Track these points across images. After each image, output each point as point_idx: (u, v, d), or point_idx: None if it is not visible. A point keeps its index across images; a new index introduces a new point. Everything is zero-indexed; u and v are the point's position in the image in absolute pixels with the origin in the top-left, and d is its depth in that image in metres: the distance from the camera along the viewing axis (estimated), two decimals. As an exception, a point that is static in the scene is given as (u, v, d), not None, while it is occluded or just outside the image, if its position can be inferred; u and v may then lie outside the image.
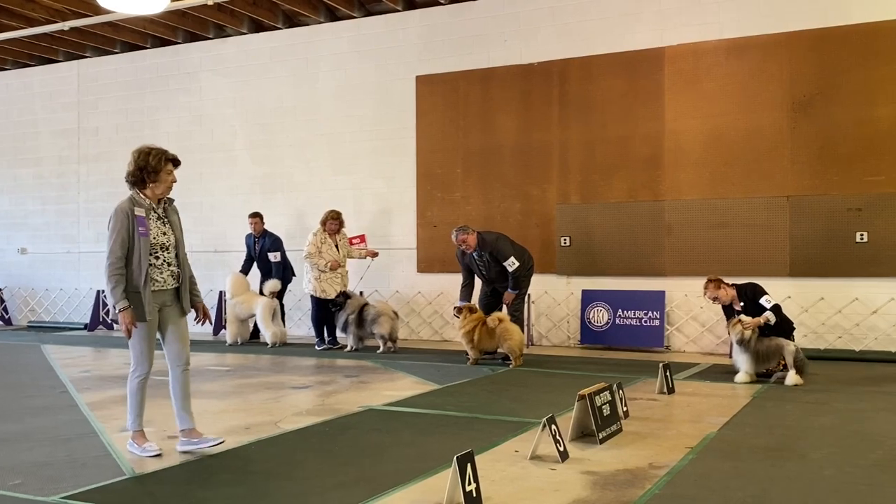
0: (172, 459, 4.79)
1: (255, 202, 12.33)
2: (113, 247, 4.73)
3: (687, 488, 4.20)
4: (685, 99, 10.23)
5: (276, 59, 12.85)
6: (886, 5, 9.27)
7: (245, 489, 4.19)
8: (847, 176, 9.47)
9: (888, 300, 9.24)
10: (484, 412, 6.30)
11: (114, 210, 4.83)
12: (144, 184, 4.90)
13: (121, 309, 4.72)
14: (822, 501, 3.96)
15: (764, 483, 4.29)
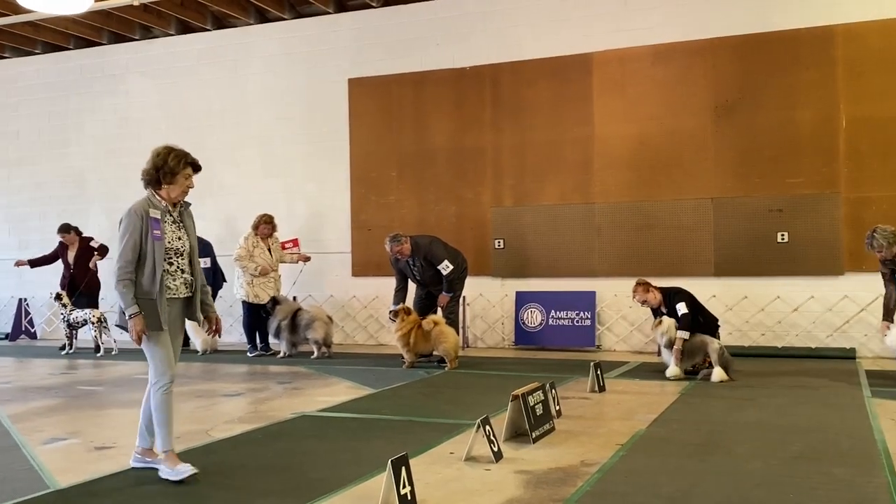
0: (99, 471, 4.65)
1: (187, 207, 12.07)
2: (124, 249, 4.43)
3: (618, 485, 4.28)
4: (613, 103, 10.43)
5: (204, 60, 12.63)
6: (806, 13, 9.62)
7: (175, 499, 4.11)
8: (768, 178, 9.78)
9: (808, 298, 9.57)
10: (419, 415, 6.31)
11: (127, 211, 4.53)
12: (159, 184, 4.62)
13: (131, 315, 4.37)
14: (746, 494, 4.08)
15: (691, 477, 4.39)
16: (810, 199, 9.57)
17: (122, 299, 4.42)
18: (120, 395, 7.46)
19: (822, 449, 5.00)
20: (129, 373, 8.95)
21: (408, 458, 3.90)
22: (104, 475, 4.57)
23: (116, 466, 4.74)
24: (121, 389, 7.85)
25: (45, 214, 13.22)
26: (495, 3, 11.01)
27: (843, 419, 5.91)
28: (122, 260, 4.43)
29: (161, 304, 4.44)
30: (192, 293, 4.71)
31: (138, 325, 4.37)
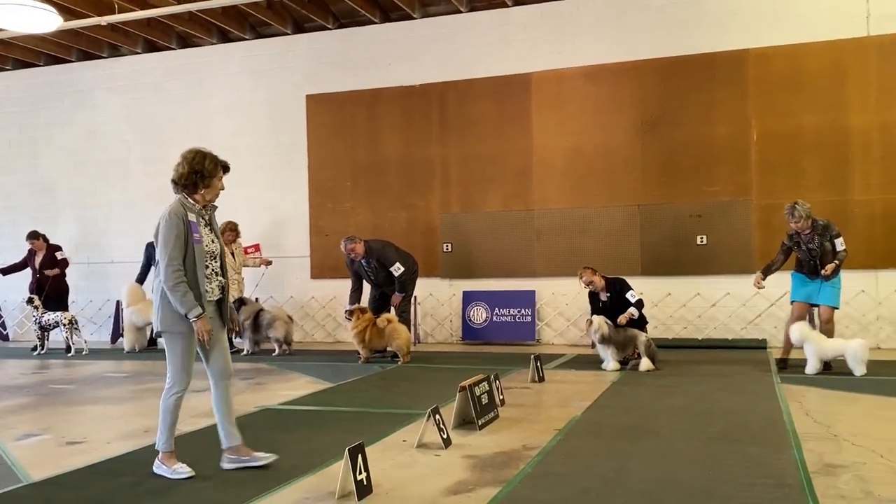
0: (70, 465, 4.53)
1: (150, 215, 11.77)
2: (172, 253, 4.07)
3: (556, 466, 4.33)
4: (550, 119, 10.54)
5: (170, 77, 12.41)
6: (721, 38, 9.84)
7: (144, 489, 4.03)
8: (689, 187, 9.98)
9: (724, 295, 9.80)
10: (374, 406, 6.29)
11: (166, 214, 4.19)
12: (196, 188, 4.26)
13: (196, 316, 4.06)
14: (672, 472, 4.15)
15: (623, 458, 4.45)
16: (726, 205, 9.80)
17: (180, 303, 4.07)
18: (90, 393, 7.28)
19: (738, 430, 5.10)
20: (98, 371, 8.74)
21: (364, 446, 3.89)
22: (75, 469, 4.46)
23: (87, 460, 4.64)
24: (91, 387, 7.65)
25: (17, 223, 12.82)
26: (442, 27, 11.04)
27: (756, 403, 6.04)
28: (174, 262, 4.08)
29: (203, 305, 4.16)
30: (223, 295, 4.40)
31: (205, 325, 4.10)
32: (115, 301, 12.00)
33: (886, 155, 9.29)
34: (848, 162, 9.42)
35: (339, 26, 11.60)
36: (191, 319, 4.08)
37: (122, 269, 12.16)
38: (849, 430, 5.00)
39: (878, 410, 5.75)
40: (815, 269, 7.56)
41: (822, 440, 4.77)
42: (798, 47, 9.56)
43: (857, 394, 6.35)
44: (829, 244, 7.51)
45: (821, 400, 6.14)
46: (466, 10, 10.92)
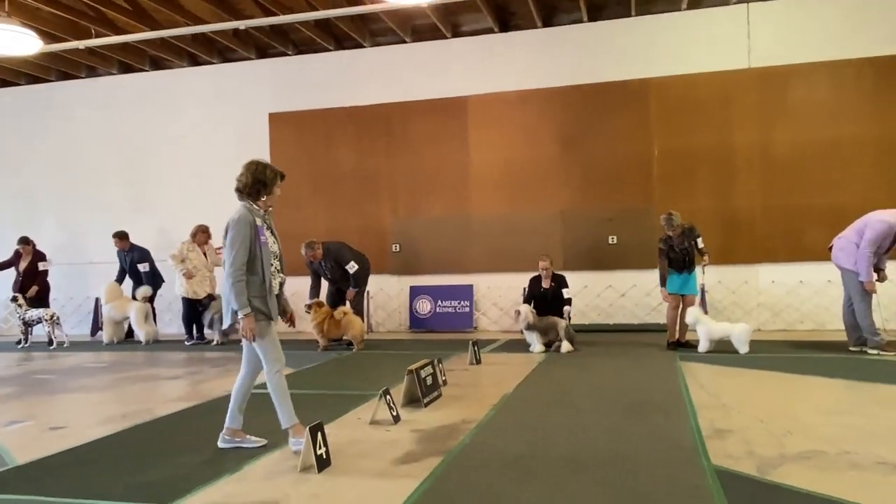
0: (53, 448, 4.37)
1: (125, 220, 11.45)
2: (237, 255, 4.00)
3: (490, 437, 4.37)
4: (484, 136, 10.61)
5: (144, 96, 12.03)
6: (628, 69, 10.03)
7: (124, 468, 3.92)
8: (602, 195, 10.17)
9: (631, 286, 10.02)
10: (332, 389, 6.24)
11: (236, 220, 4.09)
12: (259, 195, 4.21)
13: (245, 315, 3.99)
14: (590, 439, 4.23)
15: (548, 428, 4.53)
16: (633, 210, 10.02)
17: (236, 300, 3.99)
18: (71, 382, 7.02)
19: (644, 403, 5.21)
20: (79, 362, 8.44)
21: (322, 424, 3.87)
22: (58, 452, 4.31)
23: (69, 444, 4.48)
24: (72, 377, 7.38)
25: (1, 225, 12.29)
26: (389, 55, 11.00)
27: (658, 378, 6.18)
28: (235, 264, 4.00)
29: (271, 301, 4.10)
30: (281, 291, 4.32)
31: (250, 323, 4.01)
32: (94, 298, 11.60)
33: (765, 168, 9.64)
34: (733, 174, 9.74)
35: (298, 53, 11.45)
36: (239, 316, 4.01)
37: (99, 269, 11.75)
38: (735, 400, 5.17)
39: (760, 383, 5.96)
40: (684, 265, 7.87)
41: (713, 409, 4.91)
42: (692, 77, 9.83)
43: (742, 369, 6.55)
44: (693, 243, 7.88)
45: (712, 375, 6.31)
46: (411, 40, 10.90)
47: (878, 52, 9.24)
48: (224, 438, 4.27)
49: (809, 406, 4.99)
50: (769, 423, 4.49)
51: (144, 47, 11.12)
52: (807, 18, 9.52)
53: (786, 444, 4.02)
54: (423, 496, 3.33)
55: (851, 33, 9.34)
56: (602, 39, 10.17)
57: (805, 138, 9.47)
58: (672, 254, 7.93)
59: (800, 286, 9.50)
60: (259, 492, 3.46)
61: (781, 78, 9.55)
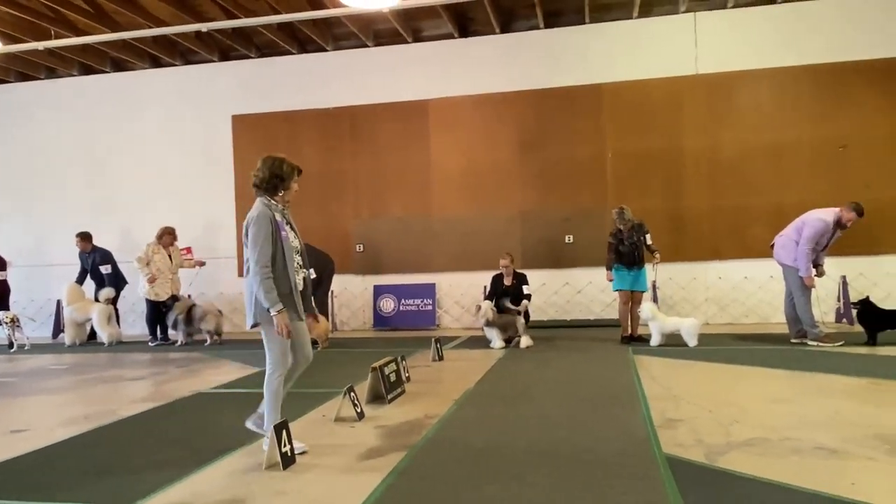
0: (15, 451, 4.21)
1: (88, 221, 11.16)
2: (262, 250, 3.79)
3: (452, 431, 4.38)
4: (445, 139, 10.63)
5: (106, 97, 11.73)
6: (582, 75, 10.16)
7: (88, 469, 3.80)
8: (559, 196, 10.28)
9: (587, 283, 10.15)
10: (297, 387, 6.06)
11: (255, 216, 3.88)
12: (276, 190, 3.98)
13: (278, 312, 3.77)
14: (548, 431, 4.26)
15: (508, 421, 4.55)
16: (588, 211, 10.15)
17: (265, 298, 3.77)
18: (32, 385, 6.80)
19: (600, 395, 5.27)
20: (40, 365, 8.17)
21: (287, 422, 3.83)
22: (20, 454, 4.16)
23: (31, 447, 4.33)
24: (33, 380, 7.15)
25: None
26: (352, 59, 10.93)
27: (613, 372, 6.25)
28: (260, 261, 3.79)
29: (296, 298, 3.91)
30: (305, 286, 4.10)
31: (284, 319, 3.79)
32: (56, 300, 11.27)
33: (712, 170, 9.87)
34: (682, 175, 9.95)
35: (260, 56, 11.29)
36: (272, 314, 3.79)
37: (60, 271, 11.41)
38: (685, 391, 5.27)
39: (708, 374, 6.07)
40: (634, 261, 8.00)
41: (664, 400, 5.00)
42: (643, 82, 10.00)
43: (692, 361, 6.68)
44: (642, 238, 8.02)
45: (663, 367, 6.42)
46: (373, 44, 10.85)
47: (815, 61, 9.55)
48: (255, 422, 4.10)
49: (754, 395, 5.12)
50: (717, 412, 4.59)
51: (105, 49, 10.83)
52: (750, 28, 9.77)
53: (732, 432, 4.12)
54: (387, 490, 3.31)
55: (790, 43, 9.63)
56: (558, 46, 10.28)
57: (749, 142, 9.73)
58: (622, 247, 8.05)
59: (744, 282, 9.75)
60: (225, 490, 3.40)
61: (727, 84, 9.79)
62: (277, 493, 3.33)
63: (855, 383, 5.41)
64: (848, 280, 9.35)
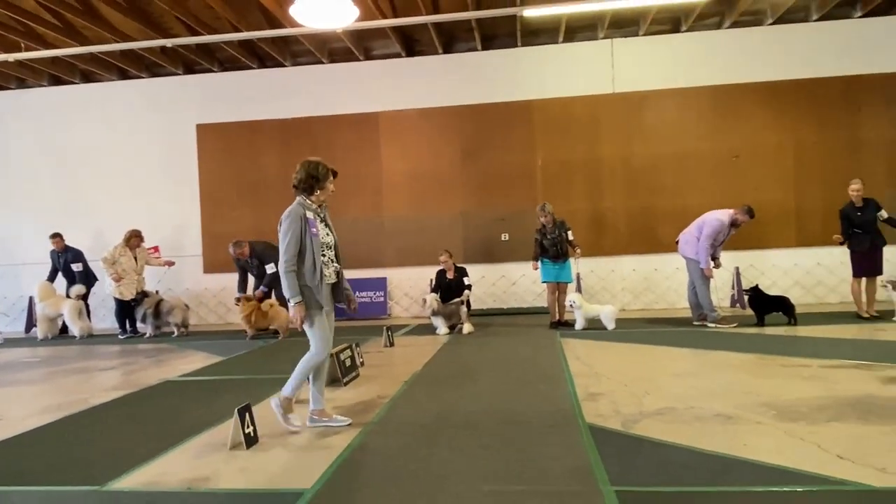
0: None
1: (60, 224, 10.60)
2: (288, 246, 3.74)
3: (402, 410, 4.36)
4: (395, 148, 10.56)
5: (76, 107, 11.15)
6: (515, 91, 10.23)
7: (61, 454, 3.62)
8: (496, 198, 10.36)
9: (521, 276, 10.27)
10: (260, 373, 6.03)
11: (288, 213, 3.82)
12: (312, 190, 3.92)
13: (295, 302, 3.73)
14: (487, 406, 4.29)
15: (452, 399, 4.55)
16: (521, 211, 10.25)
17: (287, 289, 3.75)
18: (6, 377, 6.41)
19: (533, 373, 5.34)
20: (14, 358, 7.72)
21: (251, 406, 3.74)
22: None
23: (5, 434, 4.10)
24: (6, 372, 6.74)
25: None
26: (309, 74, 10.72)
27: (544, 354, 6.33)
28: (286, 255, 3.75)
29: (321, 290, 3.81)
30: (338, 279, 4.01)
31: (301, 310, 3.75)
32: (28, 297, 10.68)
33: (626, 176, 10.13)
34: (601, 180, 10.17)
35: (223, 69, 10.96)
36: (290, 304, 3.76)
37: (32, 269, 10.82)
38: (605, 369, 5.39)
39: (624, 354, 6.21)
40: (558, 254, 8.13)
41: (587, 377, 5.10)
42: (567, 99, 10.17)
43: (610, 342, 6.84)
44: (564, 234, 8.15)
45: (587, 348, 6.54)
46: (328, 61, 10.68)
47: (713, 83, 9.92)
48: (312, 419, 4.01)
49: (663, 371, 5.28)
50: (631, 386, 4.72)
51: (74, 61, 10.30)
52: (659, 54, 10.07)
53: (644, 403, 4.25)
54: (344, 463, 3.28)
55: (693, 67, 9.97)
56: (493, 66, 10.35)
57: (658, 151, 10.03)
58: (545, 240, 8.15)
59: (654, 273, 10.06)
60: (191, 469, 3.29)
61: (639, 101, 10.06)
62: (240, 470, 3.25)
63: (746, 359, 5.64)
64: (740, 270, 9.77)
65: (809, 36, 9.73)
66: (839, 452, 3.12)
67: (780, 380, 4.75)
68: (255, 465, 3.32)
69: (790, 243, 9.74)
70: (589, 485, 2.85)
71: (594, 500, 2.68)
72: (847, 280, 8.40)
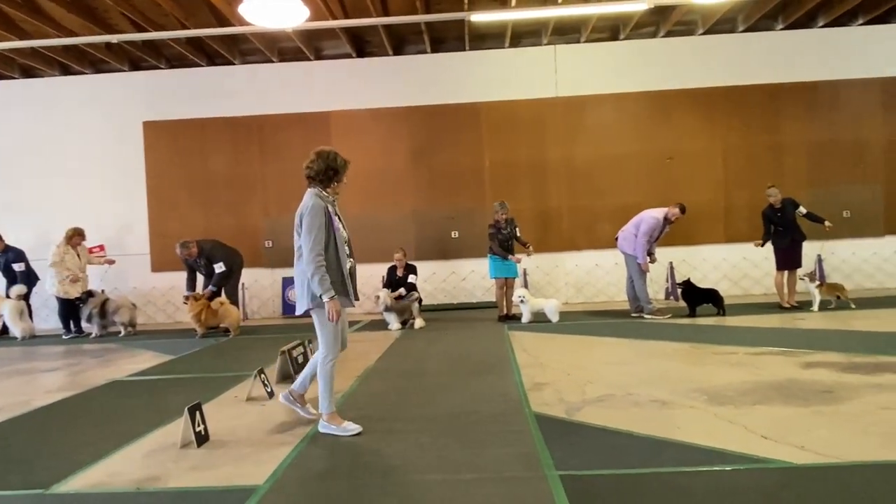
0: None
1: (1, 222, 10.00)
2: (315, 241, 3.50)
3: (356, 403, 4.33)
4: (346, 147, 10.20)
5: (15, 103, 10.50)
6: (464, 94, 10.25)
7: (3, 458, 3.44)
8: (445, 197, 10.38)
9: (470, 272, 10.34)
10: (210, 372, 5.86)
11: (310, 206, 3.57)
12: (330, 182, 3.68)
13: (330, 298, 3.47)
14: (439, 397, 4.31)
15: (404, 392, 4.55)
16: (469, 210, 10.32)
17: (319, 285, 3.48)
18: (-62, 382, 6.02)
19: (482, 365, 5.39)
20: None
21: (201, 404, 3.64)
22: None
23: (-63, 442, 3.84)
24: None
25: None
26: (258, 72, 10.46)
27: (492, 345, 6.40)
28: (315, 250, 3.50)
29: (347, 285, 3.61)
30: (353, 275, 3.76)
31: (336, 306, 3.51)
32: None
33: (569, 176, 10.34)
34: (546, 180, 10.35)
35: (170, 67, 10.56)
36: (325, 300, 3.50)
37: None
38: (549, 359, 5.49)
39: (568, 345, 6.33)
40: (508, 250, 8.21)
41: (533, 367, 5.19)
42: (513, 102, 10.28)
43: (555, 334, 6.96)
44: (514, 231, 8.26)
45: (533, 340, 6.64)
46: (278, 60, 10.45)
47: (649, 89, 10.23)
48: (287, 397, 3.87)
49: (603, 360, 5.42)
50: (574, 375, 4.83)
51: (13, 56, 9.71)
52: (599, 60, 10.32)
53: (586, 391, 4.36)
54: (296, 459, 3.23)
55: (630, 73, 10.27)
56: (442, 68, 10.36)
57: (598, 153, 10.28)
58: (499, 236, 8.24)
59: (595, 268, 10.31)
60: (141, 469, 3.18)
61: (580, 105, 10.28)
62: (191, 469, 3.16)
63: (680, 348, 5.85)
64: (674, 265, 10.14)
65: (736, 46, 10.17)
66: (763, 433, 3.29)
67: (710, 366, 4.96)
68: (207, 464, 3.23)
69: (719, 239, 10.18)
70: (535, 470, 2.91)
71: (540, 485, 2.74)
72: (771, 273, 8.85)
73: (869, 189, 10.04)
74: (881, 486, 2.59)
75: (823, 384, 4.22)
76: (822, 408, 3.69)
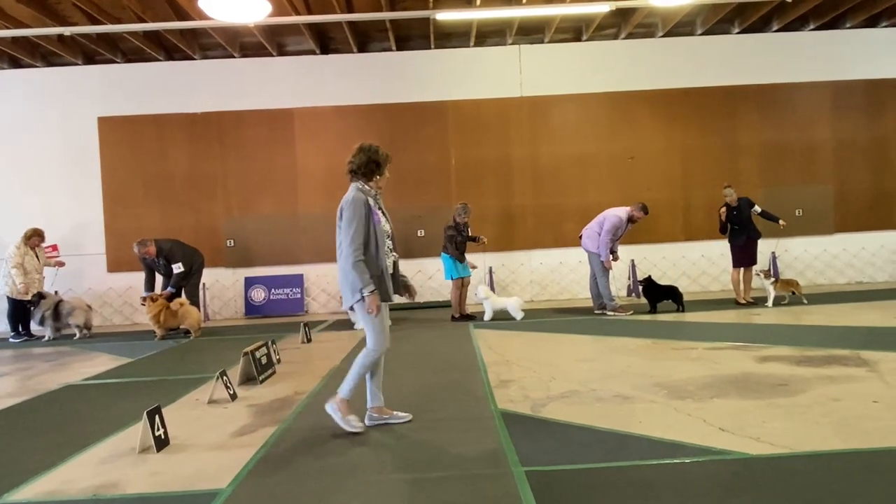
0: None
1: (-59, 220, 9.55)
2: (355, 234, 3.41)
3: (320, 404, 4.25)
4: (310, 144, 10.30)
5: (-44, 95, 10.04)
6: (430, 92, 10.25)
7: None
8: (412, 196, 10.35)
9: (436, 270, 10.32)
10: (170, 374, 5.72)
11: (350, 200, 3.47)
12: (372, 176, 3.59)
13: (370, 292, 3.39)
14: (405, 396, 4.30)
15: (368, 392, 4.55)
16: (435, 209, 10.32)
17: (359, 279, 3.41)
18: None
19: (448, 363, 5.41)
20: None
21: (160, 407, 3.55)
22: None
23: None
24: None
25: None
26: (219, 68, 10.24)
27: (458, 343, 6.43)
28: (354, 244, 3.42)
29: (387, 279, 3.53)
30: (395, 269, 3.71)
31: (375, 301, 3.43)
32: None
33: (534, 175, 10.46)
34: (511, 179, 10.44)
35: (127, 61, 10.24)
36: (364, 294, 3.43)
37: None
38: (515, 356, 5.55)
39: (532, 342, 6.41)
40: (464, 252, 8.18)
41: (499, 365, 5.23)
42: (479, 101, 10.34)
43: (519, 332, 7.03)
44: (468, 232, 8.29)
45: (498, 338, 6.69)
46: (239, 55, 10.25)
47: (611, 89, 10.42)
48: (371, 417, 3.76)
49: (567, 357, 5.50)
50: (539, 372, 4.89)
51: (-46, 45, 9.26)
52: (562, 61, 10.45)
53: (551, 387, 4.42)
54: (260, 462, 3.19)
55: (593, 74, 10.43)
56: (407, 66, 10.33)
57: (561, 153, 10.42)
58: (458, 238, 8.23)
59: (560, 266, 10.46)
60: (98, 476, 3.08)
61: (545, 105, 10.40)
62: (151, 474, 3.08)
63: (641, 343, 5.99)
64: (636, 262, 10.36)
65: (695, 49, 10.45)
66: (721, 425, 3.40)
67: (670, 362, 5.09)
68: (167, 468, 3.15)
69: (678, 237, 10.44)
70: (501, 467, 2.94)
71: (506, 481, 2.77)
72: (727, 270, 9.12)
73: (820, 189, 10.45)
74: (831, 475, 2.70)
75: (778, 377, 4.38)
76: (777, 400, 3.82)
